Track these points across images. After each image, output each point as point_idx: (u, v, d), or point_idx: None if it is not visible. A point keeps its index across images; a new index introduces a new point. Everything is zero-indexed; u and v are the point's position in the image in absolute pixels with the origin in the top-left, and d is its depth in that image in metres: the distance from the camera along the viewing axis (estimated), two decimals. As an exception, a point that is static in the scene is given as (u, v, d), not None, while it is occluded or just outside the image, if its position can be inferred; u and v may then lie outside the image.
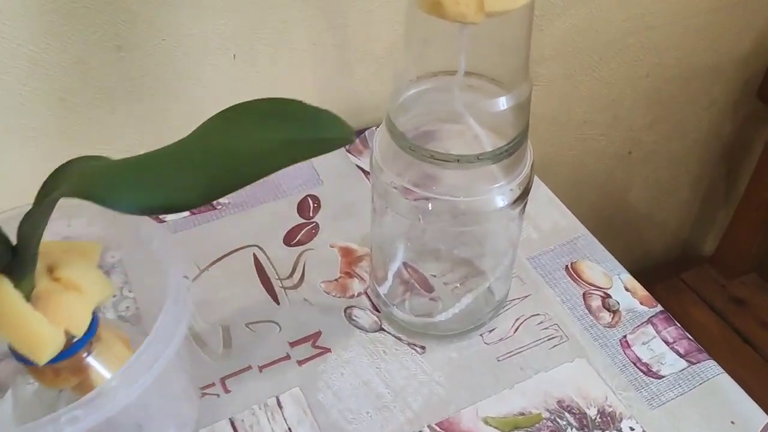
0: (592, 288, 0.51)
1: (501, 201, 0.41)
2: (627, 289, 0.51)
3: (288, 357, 0.47)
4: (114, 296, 0.47)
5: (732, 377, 0.47)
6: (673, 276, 1.02)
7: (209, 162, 0.31)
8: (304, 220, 0.56)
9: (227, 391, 0.45)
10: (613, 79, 0.77)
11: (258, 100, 0.34)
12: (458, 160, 0.38)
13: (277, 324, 0.48)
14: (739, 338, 0.93)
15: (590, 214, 0.93)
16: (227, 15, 0.52)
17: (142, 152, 0.57)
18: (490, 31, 0.37)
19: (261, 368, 0.46)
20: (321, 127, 0.33)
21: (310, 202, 0.57)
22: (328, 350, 0.47)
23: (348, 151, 0.61)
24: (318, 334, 0.48)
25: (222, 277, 0.51)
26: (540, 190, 0.59)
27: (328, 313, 0.49)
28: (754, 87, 0.89)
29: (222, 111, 0.33)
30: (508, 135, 0.40)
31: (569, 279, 0.52)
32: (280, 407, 0.44)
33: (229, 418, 0.43)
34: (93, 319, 0.36)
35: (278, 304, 0.50)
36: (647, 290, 0.52)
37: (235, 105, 0.34)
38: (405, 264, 0.50)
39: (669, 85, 0.83)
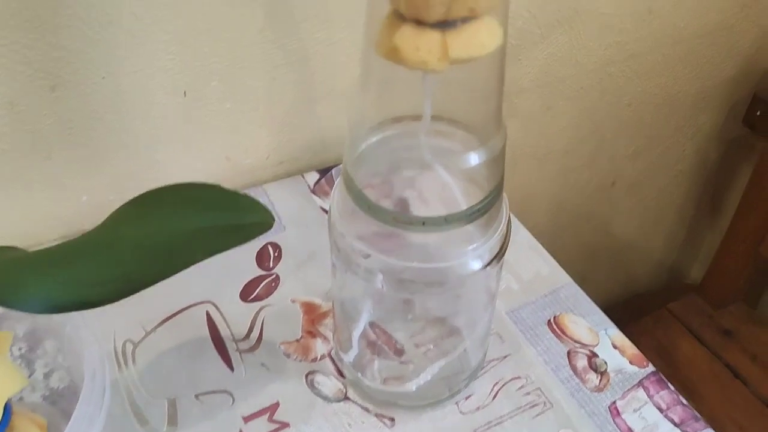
0: (578, 345, 0.47)
1: (476, 263, 0.37)
2: (615, 347, 0.47)
3: (241, 433, 0.42)
4: (46, 368, 0.42)
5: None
6: (659, 306, 0.98)
7: (122, 256, 0.30)
8: (263, 272, 0.51)
9: (171, 476, 0.40)
10: (595, 108, 0.74)
11: (173, 185, 0.34)
12: (424, 223, 0.34)
13: (231, 394, 0.44)
14: (730, 373, 0.90)
15: (574, 245, 0.89)
16: (175, 50, 0.47)
17: (85, 199, 0.53)
18: (458, 76, 0.32)
19: (210, 447, 0.41)
20: (239, 213, 0.33)
21: (271, 250, 0.52)
22: (287, 425, 0.42)
23: (312, 191, 0.57)
24: (276, 405, 0.43)
25: (170, 339, 0.46)
26: (520, 234, 0.55)
27: (288, 380, 0.45)
28: (740, 114, 0.86)
29: (136, 198, 0.34)
30: (483, 187, 0.35)
31: (552, 335, 0.48)
32: (231, 494, 0.39)
33: None
34: (5, 411, 0.31)
35: (232, 370, 0.45)
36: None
37: (150, 191, 0.32)
38: (371, 324, 0.45)
39: (653, 113, 0.79)
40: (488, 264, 0.37)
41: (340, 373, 0.45)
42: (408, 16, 0.29)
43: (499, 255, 0.38)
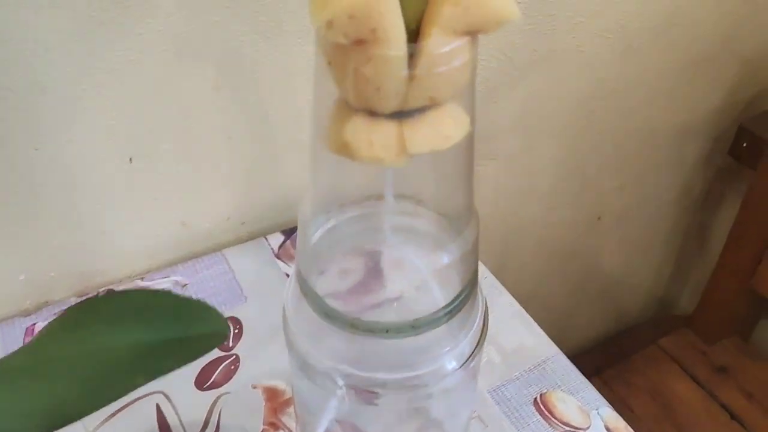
0: (567, 429, 0.43)
1: (451, 364, 0.33)
2: (608, 430, 0.43)
3: None
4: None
5: None
6: (651, 339, 0.95)
7: (52, 383, 0.26)
8: (221, 353, 0.46)
9: None
10: (578, 146, 0.70)
11: (112, 294, 0.29)
12: (387, 331, 0.30)
13: (184, 501, 0.39)
14: (726, 414, 0.86)
15: (560, 282, 0.85)
16: (116, 115, 0.43)
17: (23, 278, 0.48)
18: (424, 159, 0.28)
19: None
20: (189, 324, 0.28)
21: (231, 327, 0.48)
22: None
23: (277, 256, 0.53)
24: None
25: (117, 438, 0.42)
26: (501, 300, 0.51)
27: (248, 481, 0.40)
28: (726, 145, 0.83)
29: (69, 309, 0.29)
30: (454, 282, 0.31)
31: (539, 416, 0.43)
32: None
33: None
34: None
35: (186, 472, 0.40)
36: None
37: (85, 301, 0.28)
38: (338, 420, 0.41)
39: (637, 147, 0.76)
40: (465, 362, 0.33)
41: (307, 471, 0.41)
42: (358, 107, 0.25)
43: (478, 349, 0.34)
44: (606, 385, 0.88)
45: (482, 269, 0.52)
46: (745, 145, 0.79)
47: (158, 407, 0.43)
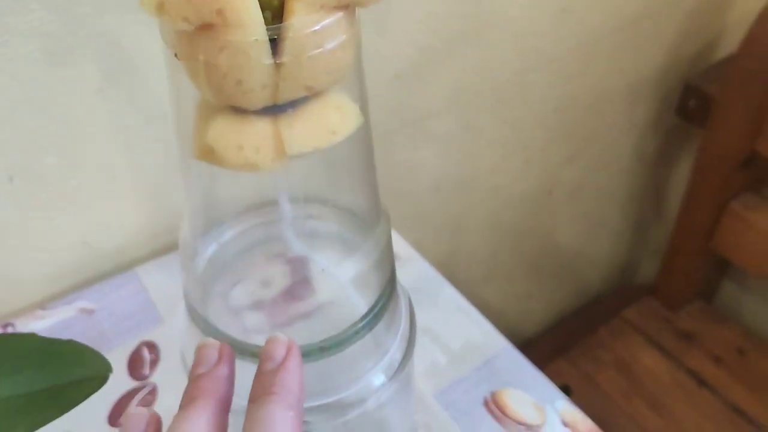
0: (522, 428, 0.39)
1: (378, 379, 0.29)
2: (565, 424, 0.40)
3: None
4: None
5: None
6: (614, 314, 0.92)
7: None
8: (137, 383, 0.42)
9: None
10: (518, 120, 0.67)
11: None
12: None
13: None
14: (694, 381, 0.84)
15: (516, 264, 0.82)
16: (-14, 129, 0.38)
17: None
18: (315, 163, 0.24)
19: None
20: (63, 369, 0.26)
21: (146, 353, 0.43)
22: None
23: (196, 269, 0.48)
24: None
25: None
26: (443, 294, 0.47)
27: None
28: (672, 104, 0.80)
29: None
30: (372, 286, 0.27)
31: (491, 417, 0.40)
32: None
33: None
34: None
35: None
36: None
37: None
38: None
39: (583, 115, 0.73)
40: (395, 373, 0.29)
41: None
42: (221, 105, 0.20)
43: (407, 356, 0.30)
44: (572, 364, 0.85)
45: (423, 264, 0.49)
46: (692, 103, 0.76)
47: (65, 453, 0.38)
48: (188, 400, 0.23)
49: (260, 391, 0.22)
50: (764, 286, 0.91)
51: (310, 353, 0.25)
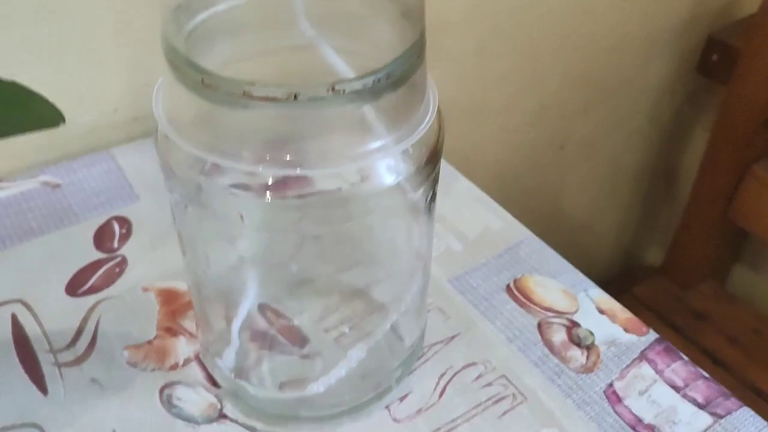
0: (551, 314, 0.34)
1: (390, 175, 0.23)
2: (602, 311, 0.34)
3: (51, 489, 0.26)
4: None
5: None
6: (622, 292, 0.87)
7: None
8: (103, 255, 0.36)
9: None
10: (536, 52, 0.62)
11: None
12: (296, 97, 0.20)
13: (40, 428, 0.28)
14: (709, 359, 0.79)
15: (522, 222, 0.77)
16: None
17: None
18: None
19: None
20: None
21: (116, 227, 0.37)
22: (126, 467, 0.27)
23: (180, 151, 0.42)
24: (110, 439, 0.28)
25: (-49, 357, 0.31)
26: (459, 184, 0.42)
27: (132, 398, 0.30)
28: (693, 62, 0.76)
29: None
30: (392, 49, 0.22)
31: (515, 304, 0.34)
32: None
33: None
34: None
35: (45, 393, 0.30)
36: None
37: None
38: (260, 306, 0.31)
39: (601, 60, 0.68)
40: (412, 178, 0.24)
41: (213, 383, 0.30)
42: None
43: (428, 165, 0.25)
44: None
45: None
46: (715, 57, 0.72)
47: (14, 318, 0.32)
48: None
49: None
50: (780, 269, 0.86)
51: (317, 96, 0.20)
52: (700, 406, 0.30)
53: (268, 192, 0.22)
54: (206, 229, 0.26)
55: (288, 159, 0.21)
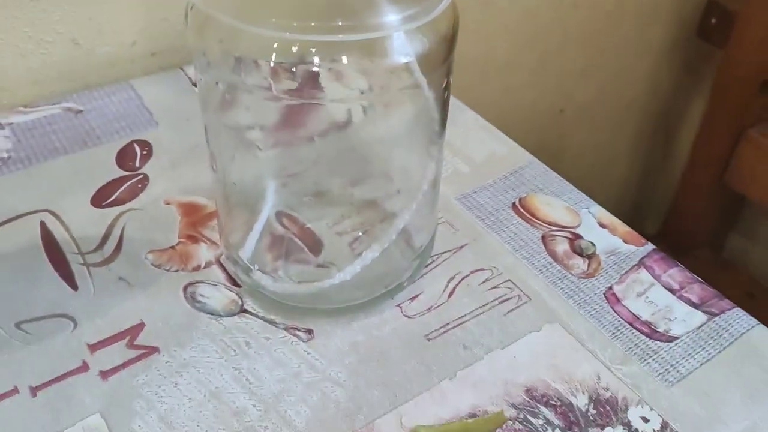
0: (554, 228, 0.35)
1: (400, 51, 0.25)
2: (603, 226, 0.36)
3: (85, 367, 0.28)
4: None
5: None
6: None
7: None
8: (126, 173, 0.37)
9: (-34, 435, 0.26)
10: (538, 8, 0.64)
11: None
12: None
13: (71, 318, 0.30)
14: (705, 320, 0.80)
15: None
16: None
17: None
18: None
19: (35, 390, 0.27)
20: None
21: (137, 149, 0.39)
22: (155, 350, 0.29)
23: (195, 84, 0.44)
24: (139, 327, 0.30)
25: (-16, 257, 0.32)
26: (466, 115, 0.44)
27: (158, 294, 0.31)
28: (691, 28, 0.78)
29: None
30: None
31: (520, 219, 0.36)
32: (63, 452, 0.25)
33: (-36, 482, 0.24)
34: None
35: (75, 289, 0.31)
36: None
37: None
38: (278, 214, 0.33)
39: (601, 22, 0.70)
40: (426, 59, 0.25)
41: (234, 282, 0.32)
42: None
43: (443, 49, 0.26)
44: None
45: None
46: (714, 21, 0.74)
47: (43, 225, 0.34)
48: None
49: None
50: (774, 237, 0.88)
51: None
52: (695, 306, 0.32)
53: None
54: (233, 117, 0.27)
55: (314, 25, 0.23)
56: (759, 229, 0.89)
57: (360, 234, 0.33)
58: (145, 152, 0.39)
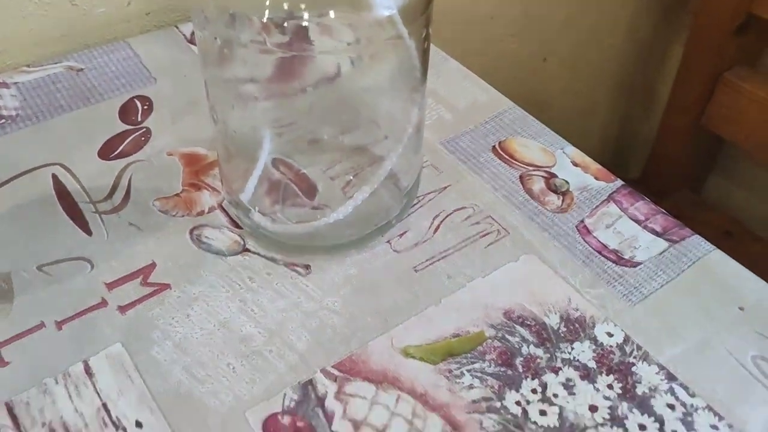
0: (531, 168, 0.38)
1: (384, 4, 0.27)
2: (576, 164, 0.39)
3: (104, 303, 0.31)
4: None
5: None
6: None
7: None
8: (129, 127, 0.40)
9: (3, 363, 0.29)
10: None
11: None
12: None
13: (89, 261, 0.33)
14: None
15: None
16: None
17: None
18: None
19: (60, 324, 0.30)
20: None
21: (138, 104, 0.41)
22: (167, 286, 0.32)
23: (190, 41, 0.46)
24: (151, 266, 0.33)
25: (2, 209, 0.35)
26: (449, 65, 0.46)
27: (167, 237, 0.34)
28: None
29: None
30: None
31: (499, 161, 0.39)
32: (90, 375, 0.28)
33: (5, 402, 0.27)
34: None
35: (90, 234, 0.34)
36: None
37: None
38: (274, 161, 0.35)
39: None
40: (404, 12, 0.28)
41: (236, 225, 0.35)
42: None
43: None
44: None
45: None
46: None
47: (55, 177, 0.36)
48: None
49: None
50: (751, 178, 0.91)
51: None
52: (658, 234, 0.35)
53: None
54: (231, 70, 0.30)
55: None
56: (737, 170, 0.92)
57: (351, 178, 0.35)
58: (146, 107, 0.41)
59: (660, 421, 0.28)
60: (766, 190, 0.89)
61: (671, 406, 0.28)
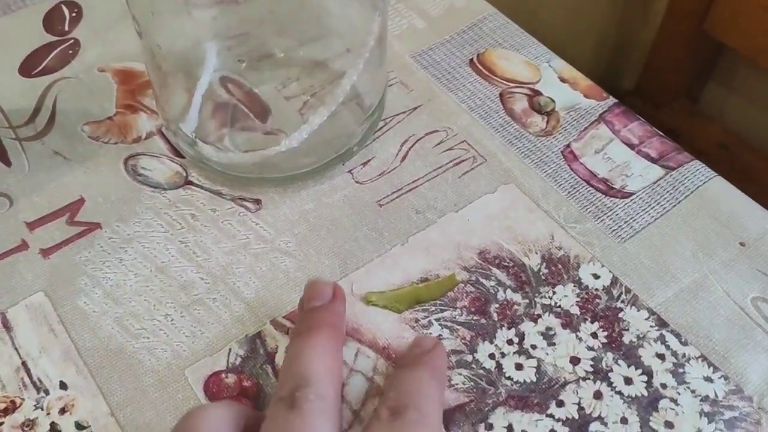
0: (513, 85, 0.34)
1: None
2: (563, 80, 0.34)
3: (24, 245, 0.27)
4: None
5: None
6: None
7: None
8: (54, 38, 0.35)
9: None
10: None
11: None
12: None
13: (7, 196, 0.29)
14: (674, 173, 0.81)
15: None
16: None
17: None
18: None
19: (-27, 271, 0.26)
20: None
21: (65, 11, 0.36)
22: (97, 226, 0.28)
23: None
24: (79, 202, 0.29)
25: None
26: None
27: (97, 168, 0.30)
28: None
29: None
30: None
31: (477, 77, 0.34)
32: (8, 329, 0.25)
33: None
34: None
35: (8, 165, 0.30)
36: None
37: None
38: (221, 79, 0.31)
39: None
40: None
41: (177, 153, 0.31)
42: None
43: None
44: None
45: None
46: None
47: (-34, 99, 0.32)
48: (306, 328, 0.23)
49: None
50: (749, 87, 0.86)
51: None
52: (653, 160, 0.31)
53: None
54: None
55: None
56: (736, 77, 0.88)
57: (308, 98, 0.31)
58: (74, 14, 0.36)
59: (648, 373, 0.25)
60: (763, 99, 0.84)
61: (661, 356, 0.25)
